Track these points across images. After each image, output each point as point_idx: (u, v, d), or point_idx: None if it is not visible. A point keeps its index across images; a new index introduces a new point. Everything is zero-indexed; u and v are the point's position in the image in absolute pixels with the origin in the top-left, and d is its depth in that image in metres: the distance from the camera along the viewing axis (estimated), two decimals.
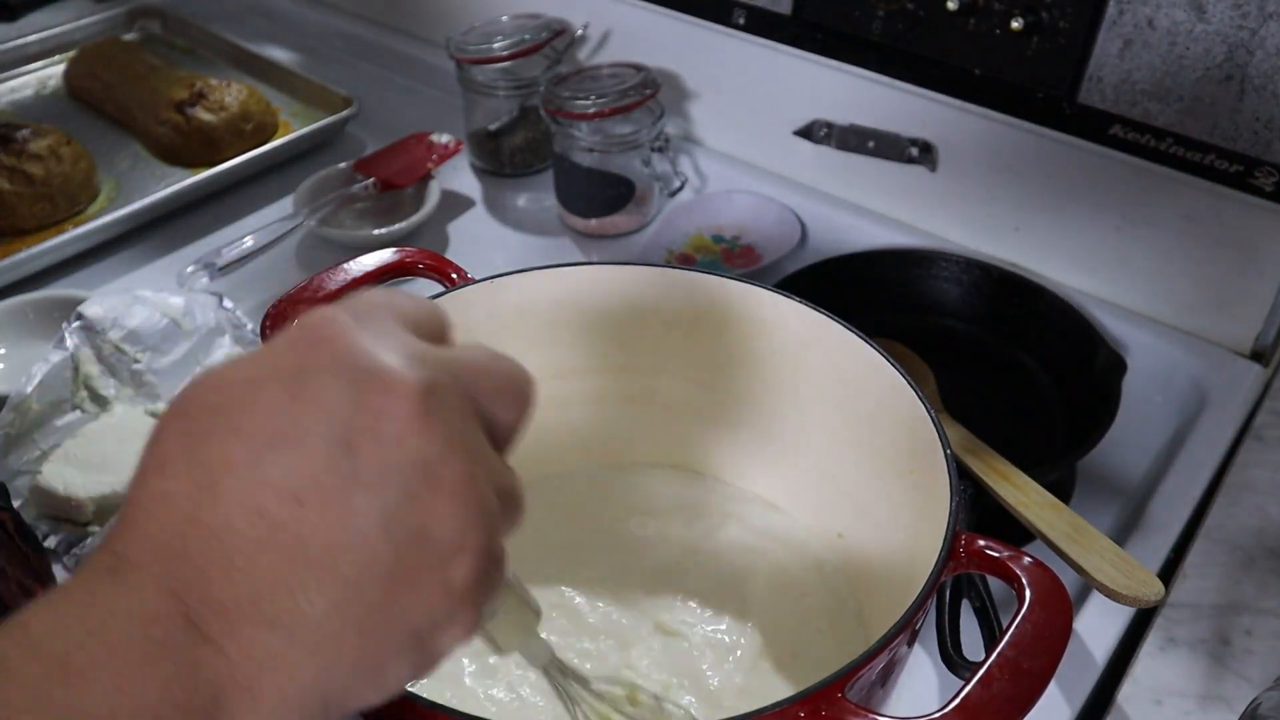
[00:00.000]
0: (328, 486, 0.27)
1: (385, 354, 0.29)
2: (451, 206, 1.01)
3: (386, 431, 0.28)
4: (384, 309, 0.31)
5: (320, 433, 0.27)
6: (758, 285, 0.61)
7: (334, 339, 0.29)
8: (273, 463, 0.27)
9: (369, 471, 0.27)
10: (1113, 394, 0.71)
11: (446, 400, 0.29)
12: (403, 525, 0.28)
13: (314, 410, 0.27)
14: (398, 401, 0.28)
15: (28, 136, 0.94)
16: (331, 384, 0.28)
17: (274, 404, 0.28)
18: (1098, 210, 0.84)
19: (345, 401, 0.28)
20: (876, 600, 0.58)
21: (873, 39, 0.89)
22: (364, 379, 0.28)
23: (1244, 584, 0.64)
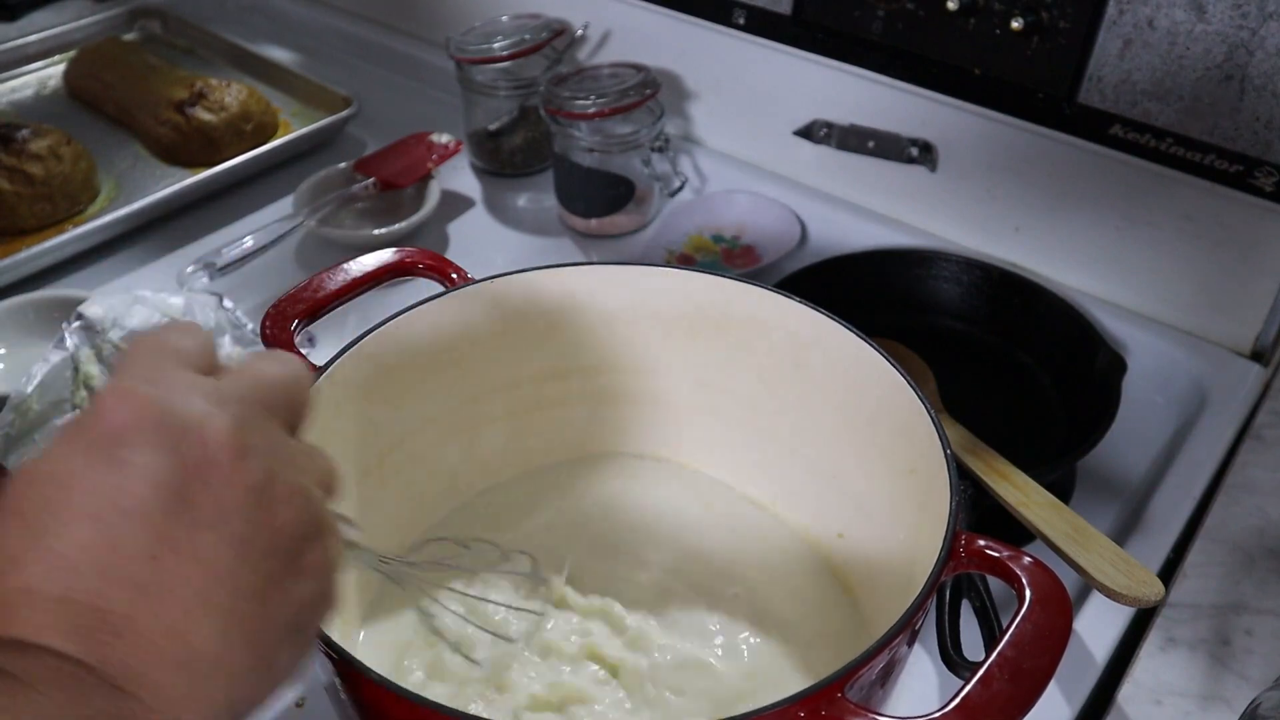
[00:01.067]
0: (176, 538, 0.30)
1: (187, 406, 0.32)
2: (451, 206, 1.01)
3: (213, 477, 0.31)
4: (161, 358, 0.34)
5: (154, 496, 0.30)
6: (758, 285, 0.61)
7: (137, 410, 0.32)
8: (120, 534, 0.30)
9: (208, 514, 0.31)
10: (1113, 394, 0.71)
11: (253, 427, 0.33)
12: (254, 547, 0.32)
13: (142, 478, 0.31)
14: (213, 448, 0.32)
15: (28, 136, 0.94)
16: (150, 451, 0.31)
17: (104, 483, 0.30)
18: (1098, 210, 0.84)
19: (167, 463, 0.31)
20: (876, 600, 0.58)
21: (873, 39, 0.89)
22: (179, 437, 0.31)
23: (1244, 584, 0.64)
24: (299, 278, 0.69)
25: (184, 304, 0.79)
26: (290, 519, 0.33)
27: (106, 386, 0.33)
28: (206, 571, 0.31)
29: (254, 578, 0.32)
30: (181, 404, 0.32)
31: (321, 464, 0.37)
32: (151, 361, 0.34)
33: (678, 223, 0.97)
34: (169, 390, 0.32)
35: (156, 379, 0.33)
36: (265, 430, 0.34)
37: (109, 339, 0.75)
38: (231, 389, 0.34)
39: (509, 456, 0.67)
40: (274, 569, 0.32)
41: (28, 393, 0.72)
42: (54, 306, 0.82)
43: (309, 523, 0.34)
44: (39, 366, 0.73)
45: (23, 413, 0.72)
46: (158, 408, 0.32)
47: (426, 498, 0.64)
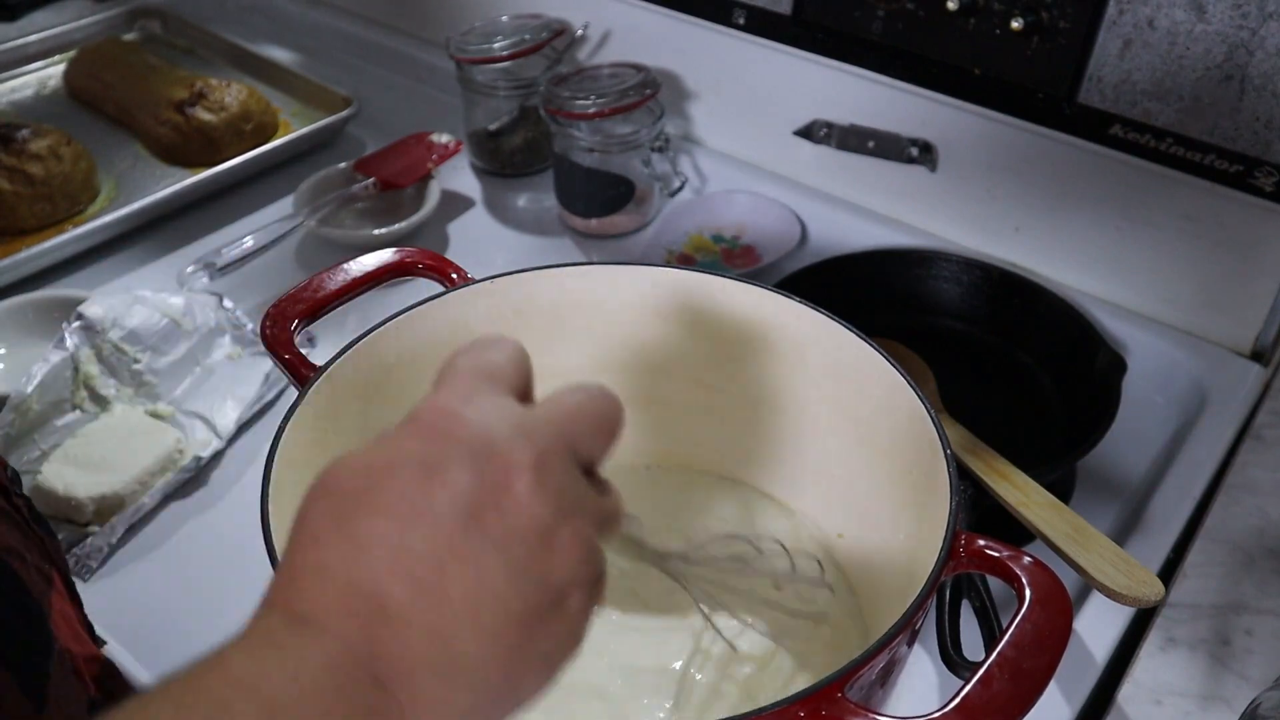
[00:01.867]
0: (463, 552, 0.32)
1: (497, 432, 0.34)
2: (451, 206, 1.01)
3: (507, 504, 0.33)
4: (477, 377, 0.36)
5: (452, 508, 0.32)
6: (758, 285, 0.61)
7: (452, 426, 0.34)
8: (414, 536, 0.32)
9: (495, 538, 0.33)
10: (1113, 394, 0.71)
11: (552, 463, 0.34)
12: (527, 577, 0.33)
13: (445, 490, 0.32)
14: (514, 476, 0.33)
15: (28, 136, 0.94)
16: (456, 467, 0.33)
17: (410, 487, 0.33)
18: (1098, 210, 0.84)
19: (470, 481, 0.33)
20: (876, 600, 0.58)
21: (873, 39, 0.89)
22: (483, 460, 0.33)
23: (1244, 584, 0.64)
24: (299, 278, 0.69)
25: (184, 304, 0.79)
26: (567, 565, 0.34)
27: (430, 400, 0.35)
28: (482, 588, 0.32)
29: (522, 606, 0.33)
30: (491, 428, 0.34)
31: (609, 506, 0.38)
32: (469, 382, 0.36)
33: (678, 223, 0.97)
34: (482, 412, 0.34)
35: (472, 401, 0.35)
36: (564, 469, 0.35)
37: (109, 339, 0.76)
38: (540, 420, 0.35)
39: None
40: (541, 604, 0.33)
41: (28, 393, 0.72)
42: (54, 306, 0.82)
43: (581, 569, 0.35)
44: (39, 366, 0.73)
45: (23, 413, 0.72)
46: (472, 428, 0.34)
47: None
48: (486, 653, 0.32)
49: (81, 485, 0.69)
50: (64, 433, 0.73)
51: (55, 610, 0.46)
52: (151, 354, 0.76)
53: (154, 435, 0.73)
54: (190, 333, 0.78)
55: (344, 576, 0.31)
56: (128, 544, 0.70)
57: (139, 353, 0.76)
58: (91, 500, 0.68)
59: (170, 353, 0.77)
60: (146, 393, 0.76)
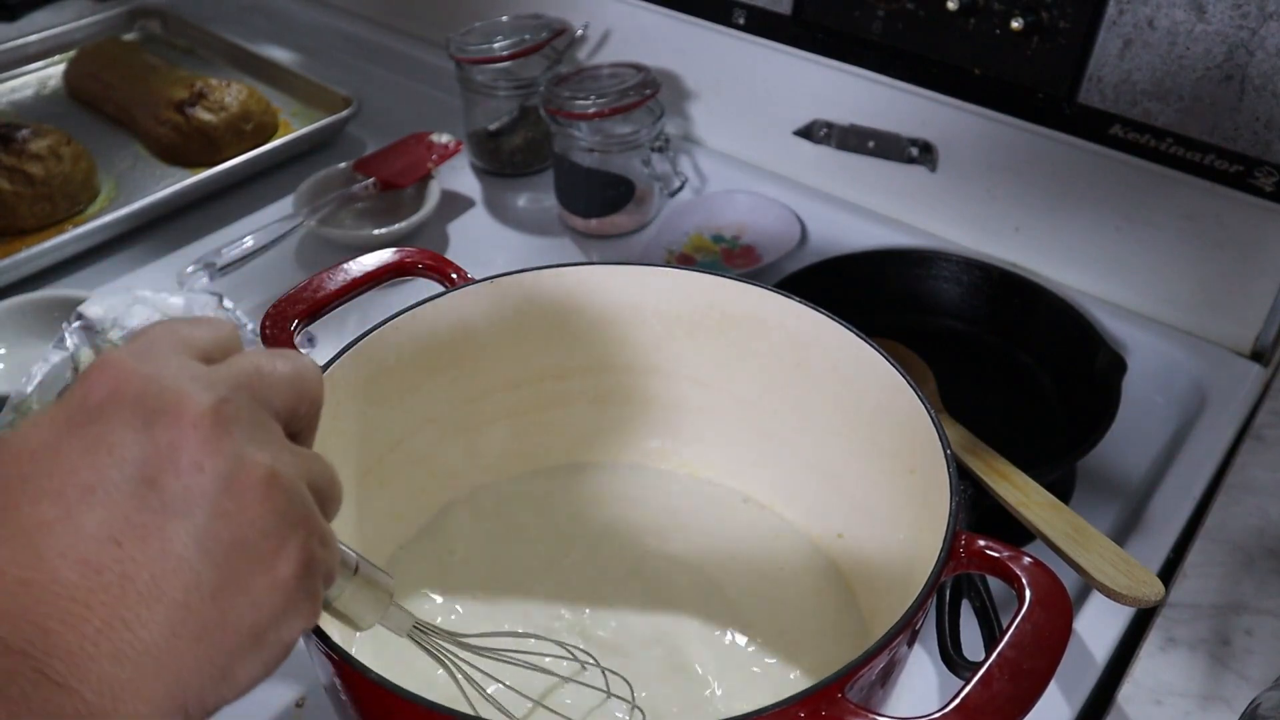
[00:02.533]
0: (139, 523, 0.29)
1: (169, 386, 0.31)
2: (451, 206, 1.01)
3: (183, 461, 0.30)
4: (165, 340, 0.33)
5: (122, 476, 0.30)
6: (758, 285, 0.61)
7: (119, 384, 0.31)
8: (84, 514, 0.29)
9: (174, 501, 0.30)
10: (1113, 394, 0.71)
11: (236, 414, 0.31)
12: (217, 540, 0.30)
13: (111, 457, 0.30)
14: (187, 430, 0.30)
15: (28, 136, 0.94)
16: (123, 428, 0.30)
17: (74, 460, 0.30)
18: (1098, 210, 0.84)
19: (139, 442, 0.30)
20: (876, 600, 0.58)
21: (873, 39, 0.89)
22: (152, 416, 0.30)
23: (1244, 584, 0.64)
24: (299, 278, 0.69)
25: (184, 304, 0.79)
26: (262, 518, 0.31)
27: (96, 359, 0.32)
28: (165, 559, 0.29)
29: (213, 575, 0.30)
30: (164, 383, 0.31)
31: (319, 468, 0.35)
32: (150, 342, 0.33)
33: (678, 223, 0.97)
34: (155, 368, 0.31)
35: (148, 357, 0.32)
36: (251, 421, 0.32)
37: (109, 339, 0.75)
38: (224, 374, 0.32)
39: (509, 457, 0.67)
40: (238, 570, 0.30)
41: (28, 393, 0.72)
42: (54, 306, 0.82)
43: (287, 526, 0.32)
44: (39, 366, 0.73)
45: (23, 413, 0.72)
46: (138, 384, 0.31)
47: (426, 498, 0.64)
48: (178, 633, 0.29)
49: None
50: None
51: None
52: None
53: None
54: None
55: (15, 574, 0.28)
56: None
57: None
58: None
59: None
60: None
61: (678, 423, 0.67)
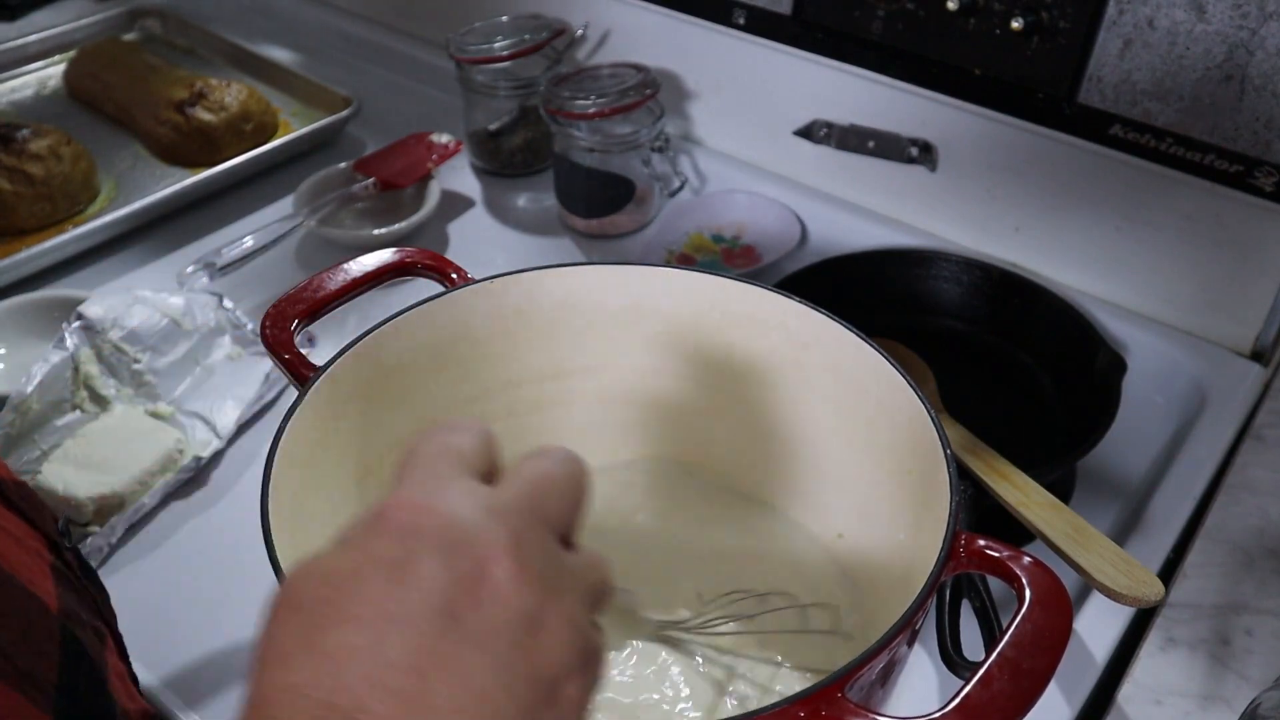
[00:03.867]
0: (444, 654, 0.30)
1: (466, 518, 0.32)
2: (451, 206, 1.01)
3: (485, 595, 0.31)
4: (443, 462, 0.34)
5: (427, 609, 0.30)
6: (758, 285, 0.61)
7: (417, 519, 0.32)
8: (390, 644, 0.29)
9: (476, 634, 0.30)
10: (1113, 394, 0.71)
11: (529, 544, 0.32)
12: (515, 673, 0.31)
13: (417, 590, 0.30)
14: (490, 564, 0.31)
15: (28, 136, 0.94)
16: (428, 563, 0.31)
17: (380, 590, 0.30)
18: (1098, 210, 0.84)
19: (443, 577, 0.30)
20: (876, 600, 0.58)
21: (873, 39, 0.89)
22: (455, 552, 0.31)
23: (1244, 584, 0.64)
24: (299, 278, 0.69)
25: (184, 304, 0.79)
26: (558, 652, 0.32)
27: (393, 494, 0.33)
28: (467, 691, 0.30)
29: (511, 706, 0.30)
30: (460, 517, 0.32)
31: (596, 578, 0.35)
32: (433, 468, 0.33)
33: (678, 223, 0.97)
34: (447, 501, 0.32)
35: (435, 488, 0.33)
36: (543, 547, 0.33)
37: (109, 339, 0.76)
38: (510, 499, 0.33)
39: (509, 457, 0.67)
40: (532, 699, 0.31)
41: (28, 393, 0.72)
42: (54, 306, 0.82)
43: (574, 656, 0.32)
44: (39, 366, 0.73)
45: (23, 413, 0.72)
46: (439, 518, 0.31)
47: None
48: None
49: (81, 485, 0.69)
50: (64, 433, 0.73)
51: (111, 669, 0.45)
52: (151, 354, 0.76)
53: (154, 435, 0.73)
54: (190, 333, 0.78)
55: (318, 697, 0.29)
56: (128, 544, 0.70)
57: (139, 353, 0.76)
58: (91, 500, 0.68)
59: (170, 353, 0.77)
60: (146, 393, 0.76)
61: (677, 423, 0.67)
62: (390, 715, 0.29)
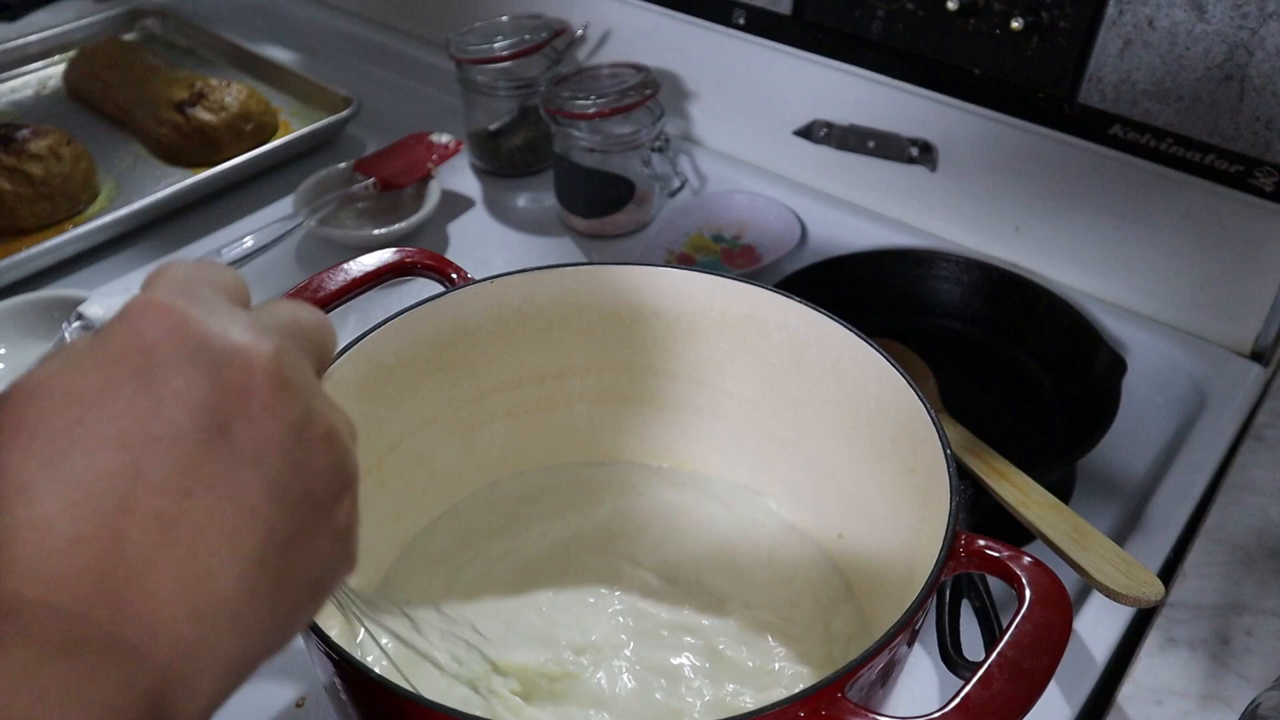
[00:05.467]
0: (211, 473, 0.27)
1: (230, 330, 0.29)
2: (451, 206, 1.01)
3: (254, 407, 0.28)
4: (203, 283, 0.31)
5: (191, 424, 0.27)
6: (758, 285, 0.61)
7: (173, 326, 0.28)
8: (150, 464, 0.27)
9: (246, 449, 0.28)
10: (1113, 394, 0.71)
11: (295, 361, 0.30)
12: (288, 490, 0.29)
13: (178, 403, 0.27)
14: (257, 376, 0.29)
15: (28, 136, 0.94)
16: (188, 372, 0.28)
17: (135, 405, 0.27)
18: (1098, 210, 0.84)
19: (207, 387, 0.28)
20: (876, 600, 0.58)
21: (873, 39, 0.89)
22: (220, 361, 0.28)
23: (1244, 584, 0.64)
24: (299, 278, 0.69)
25: None
26: (327, 465, 0.30)
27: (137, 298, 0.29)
28: (239, 512, 0.28)
29: (285, 525, 0.29)
30: (222, 327, 0.29)
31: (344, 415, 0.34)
32: (186, 281, 0.30)
33: (678, 223, 0.97)
34: (208, 311, 0.29)
35: (194, 300, 0.29)
36: (303, 368, 0.31)
37: None
38: (270, 321, 0.31)
39: (509, 457, 0.67)
40: (306, 518, 0.29)
41: None
42: (54, 306, 0.82)
43: (343, 471, 0.31)
44: None
45: None
46: (197, 327, 0.28)
47: (427, 498, 0.64)
48: (254, 587, 0.28)
49: None
50: None
51: None
52: None
53: None
54: None
55: (67, 532, 0.26)
56: None
57: None
58: None
59: None
60: None
61: (677, 423, 0.67)
62: (150, 541, 0.26)
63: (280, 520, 0.28)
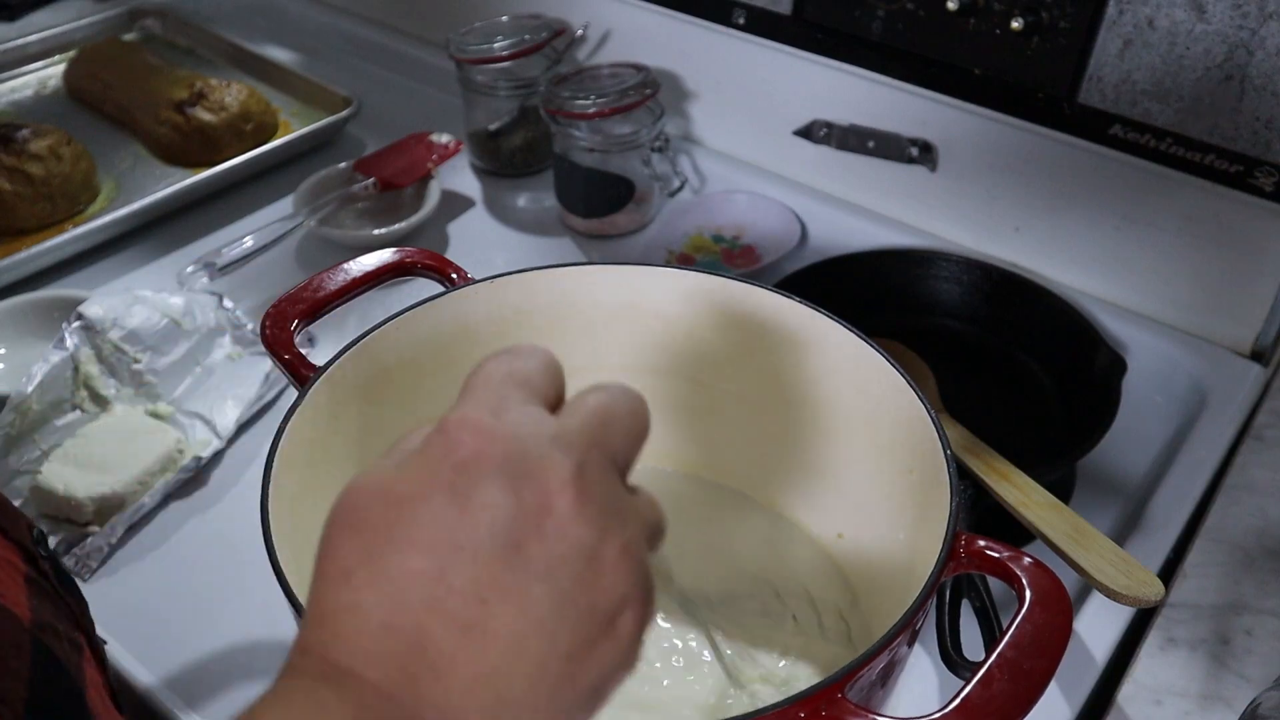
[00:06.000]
0: (505, 585, 0.30)
1: (532, 446, 0.32)
2: (451, 206, 1.01)
3: (549, 527, 0.31)
4: (509, 385, 0.33)
5: (490, 538, 0.30)
6: (758, 285, 0.61)
7: (484, 444, 0.31)
8: (453, 570, 0.30)
9: (538, 565, 0.31)
10: (1113, 394, 0.71)
11: (593, 476, 0.32)
12: (575, 606, 0.31)
13: (481, 518, 0.30)
14: (554, 495, 0.31)
15: (28, 136, 0.94)
16: (491, 490, 0.31)
17: (445, 516, 0.30)
18: (1098, 210, 0.84)
19: (508, 506, 0.31)
20: (876, 600, 0.58)
21: (873, 39, 0.89)
22: (520, 479, 0.31)
23: (1244, 584, 0.64)
24: (299, 278, 0.69)
25: (184, 304, 0.79)
26: (616, 586, 0.32)
27: (455, 413, 0.32)
28: (528, 623, 0.30)
29: (569, 637, 0.31)
30: (525, 443, 0.32)
31: (652, 516, 0.36)
32: (499, 391, 0.33)
33: (678, 223, 0.97)
34: (515, 426, 0.32)
35: (501, 410, 0.32)
36: (605, 481, 0.33)
37: (109, 339, 0.75)
38: (575, 429, 0.33)
39: None
40: (590, 631, 0.31)
41: (28, 393, 0.72)
42: (54, 306, 0.82)
43: (632, 589, 0.33)
44: (39, 366, 0.73)
45: (23, 413, 0.72)
46: (503, 445, 0.31)
47: None
48: (536, 691, 0.30)
49: (81, 485, 0.69)
50: (64, 433, 0.73)
51: (89, 681, 0.44)
52: (151, 354, 0.76)
53: (154, 435, 0.73)
54: (190, 333, 0.78)
55: (380, 618, 0.30)
56: (128, 544, 0.70)
57: (139, 353, 0.76)
58: (91, 500, 0.68)
59: (170, 353, 0.77)
60: (146, 393, 0.76)
61: (678, 423, 0.67)
62: (449, 640, 0.29)
63: (564, 631, 0.31)
